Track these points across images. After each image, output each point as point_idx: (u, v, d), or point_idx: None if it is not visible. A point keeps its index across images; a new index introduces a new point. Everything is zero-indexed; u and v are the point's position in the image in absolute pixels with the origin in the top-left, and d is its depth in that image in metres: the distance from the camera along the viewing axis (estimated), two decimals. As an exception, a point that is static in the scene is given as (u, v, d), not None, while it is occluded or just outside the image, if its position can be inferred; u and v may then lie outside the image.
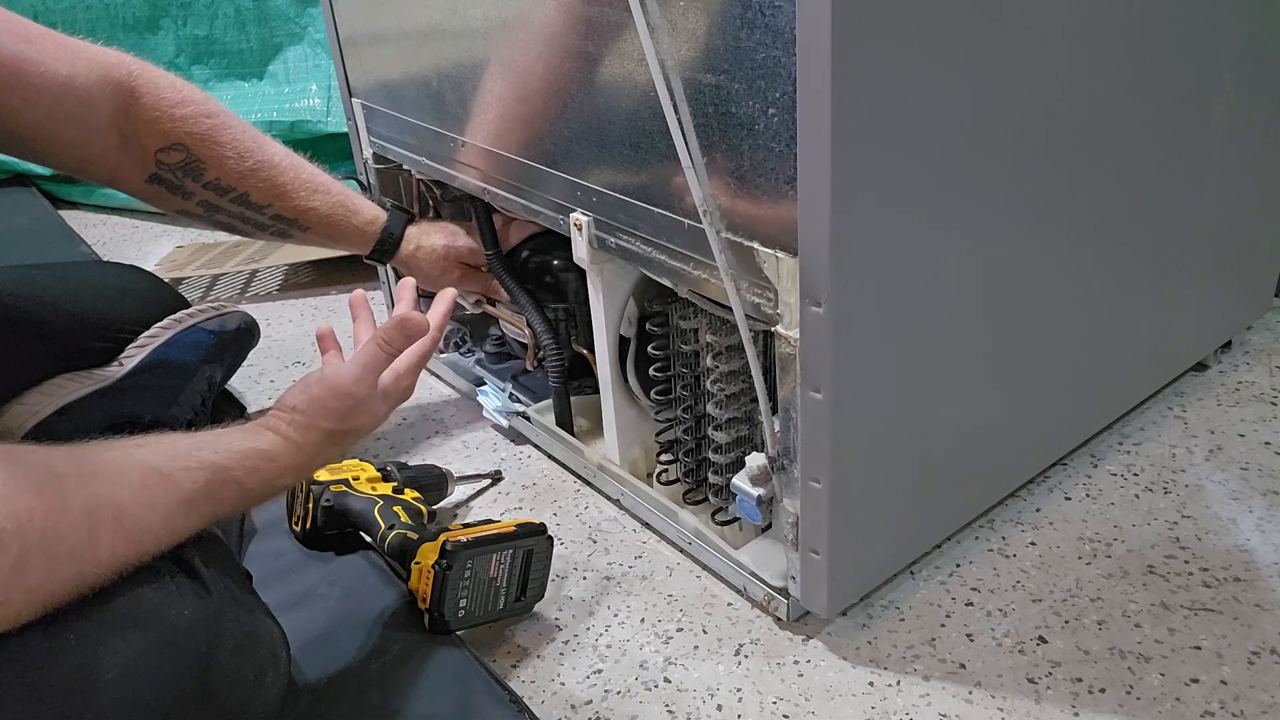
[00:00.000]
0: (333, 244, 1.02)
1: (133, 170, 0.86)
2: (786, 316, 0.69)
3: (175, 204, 0.91)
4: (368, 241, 1.02)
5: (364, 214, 1.00)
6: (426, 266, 1.05)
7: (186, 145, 0.87)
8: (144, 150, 0.85)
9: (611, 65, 0.76)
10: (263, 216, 0.94)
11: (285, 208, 0.94)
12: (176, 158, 0.87)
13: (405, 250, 1.04)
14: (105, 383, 0.97)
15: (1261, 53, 0.95)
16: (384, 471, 0.95)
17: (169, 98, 0.86)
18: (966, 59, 0.68)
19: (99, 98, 0.81)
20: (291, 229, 0.97)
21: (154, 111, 0.85)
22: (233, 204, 0.92)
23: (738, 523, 0.89)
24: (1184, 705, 0.73)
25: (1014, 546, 0.90)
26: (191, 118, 0.86)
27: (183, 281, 1.54)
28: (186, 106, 0.86)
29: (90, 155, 0.83)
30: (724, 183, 0.70)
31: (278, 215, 0.95)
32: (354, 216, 0.99)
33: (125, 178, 0.87)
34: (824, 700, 0.75)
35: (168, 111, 0.85)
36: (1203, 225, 1.00)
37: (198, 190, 0.89)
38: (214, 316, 1.09)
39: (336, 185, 0.98)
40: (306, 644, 0.80)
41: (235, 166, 0.89)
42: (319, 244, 1.03)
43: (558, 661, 0.80)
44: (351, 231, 1.00)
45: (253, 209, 0.93)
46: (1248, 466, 0.98)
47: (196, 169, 0.88)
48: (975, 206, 0.74)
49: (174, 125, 0.86)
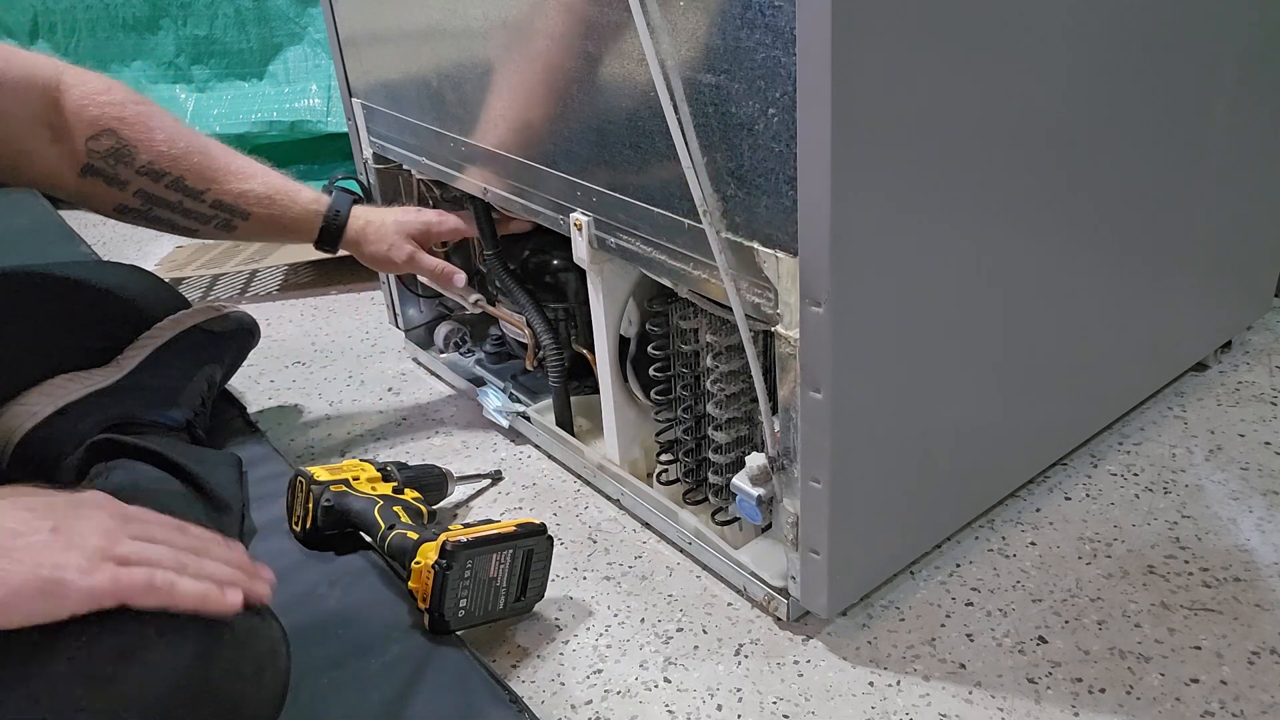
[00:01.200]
0: (279, 235, 0.99)
1: (66, 164, 0.85)
2: (786, 316, 0.69)
3: (113, 197, 0.89)
4: (313, 224, 0.98)
5: (306, 194, 0.98)
6: (376, 240, 1.01)
7: (115, 130, 0.86)
8: (75, 142, 0.84)
9: (611, 65, 0.76)
10: (202, 205, 0.92)
11: (223, 192, 0.92)
12: (107, 144, 0.86)
13: (354, 227, 1.00)
14: (105, 383, 0.97)
15: (1261, 53, 0.95)
16: (384, 471, 0.95)
17: (96, 86, 0.85)
18: (967, 59, 0.68)
19: (27, 94, 0.81)
20: (234, 218, 0.94)
21: (81, 101, 0.84)
22: (169, 190, 0.90)
23: (738, 523, 0.89)
24: (1184, 705, 0.73)
25: (1014, 546, 0.90)
26: (119, 103, 0.86)
27: (183, 281, 1.54)
28: (114, 93, 0.86)
29: (22, 152, 0.83)
30: (724, 183, 0.70)
31: (218, 201, 0.92)
32: (297, 196, 0.97)
33: (59, 173, 0.86)
34: (824, 700, 0.75)
35: (94, 99, 0.85)
36: (1203, 225, 1.00)
37: (132, 178, 0.88)
38: (214, 317, 1.09)
39: (275, 173, 0.96)
40: (307, 644, 0.80)
41: (167, 149, 0.88)
42: (265, 236, 0.99)
43: (558, 661, 0.80)
44: (295, 213, 0.97)
45: (190, 196, 0.91)
46: (1248, 466, 0.98)
47: (128, 154, 0.87)
48: (975, 206, 0.74)
49: (102, 111, 0.85)
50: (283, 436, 1.14)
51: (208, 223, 0.94)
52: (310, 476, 0.91)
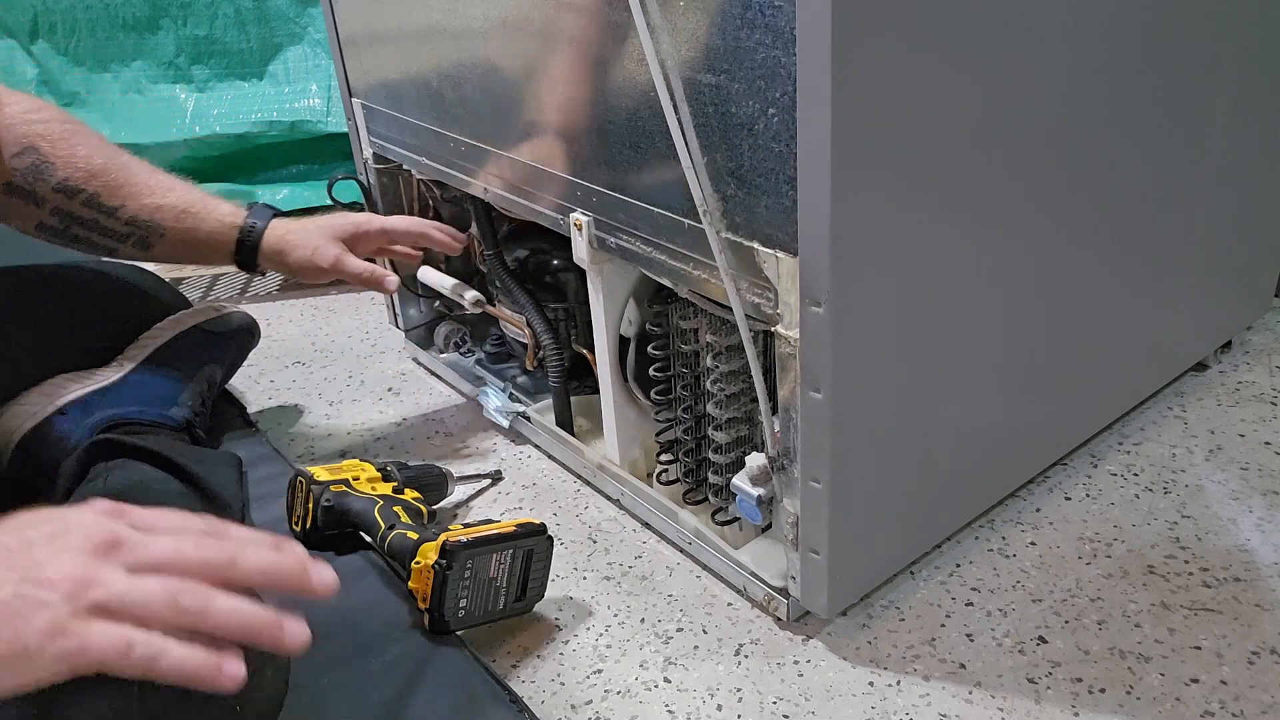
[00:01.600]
0: (196, 253, 0.96)
1: None
2: (786, 316, 0.69)
3: (32, 215, 0.88)
4: (229, 237, 0.94)
5: (224, 208, 0.95)
6: (299, 245, 0.96)
7: (37, 147, 0.86)
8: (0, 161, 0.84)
9: (611, 65, 0.76)
10: (117, 222, 0.90)
11: (138, 208, 0.90)
12: (28, 160, 0.86)
13: (273, 238, 0.95)
14: (105, 383, 0.97)
15: (1261, 53, 0.95)
16: (384, 471, 0.95)
17: (25, 105, 0.86)
18: (967, 59, 0.68)
19: None
20: (150, 235, 0.92)
21: (9, 120, 0.85)
22: (84, 207, 0.89)
23: (738, 523, 0.89)
24: (1184, 705, 0.73)
25: (1014, 546, 0.90)
26: (45, 120, 0.87)
27: (183, 281, 1.54)
28: (43, 112, 0.87)
29: None
30: (724, 183, 0.70)
31: (133, 218, 0.91)
32: (213, 210, 0.94)
33: None
34: (824, 700, 0.75)
35: (23, 117, 0.86)
36: (1203, 225, 1.00)
37: (49, 194, 0.87)
38: (214, 317, 1.09)
39: (197, 190, 0.94)
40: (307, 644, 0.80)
41: (84, 165, 0.87)
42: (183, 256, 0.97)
43: (558, 661, 0.80)
44: (210, 226, 0.93)
45: (105, 214, 0.90)
46: (1248, 466, 0.98)
47: (47, 170, 0.86)
48: (975, 206, 0.74)
49: (29, 128, 0.86)
50: (283, 436, 1.14)
51: (125, 240, 0.92)
52: (310, 476, 0.91)
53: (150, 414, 0.98)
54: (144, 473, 0.90)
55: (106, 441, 0.92)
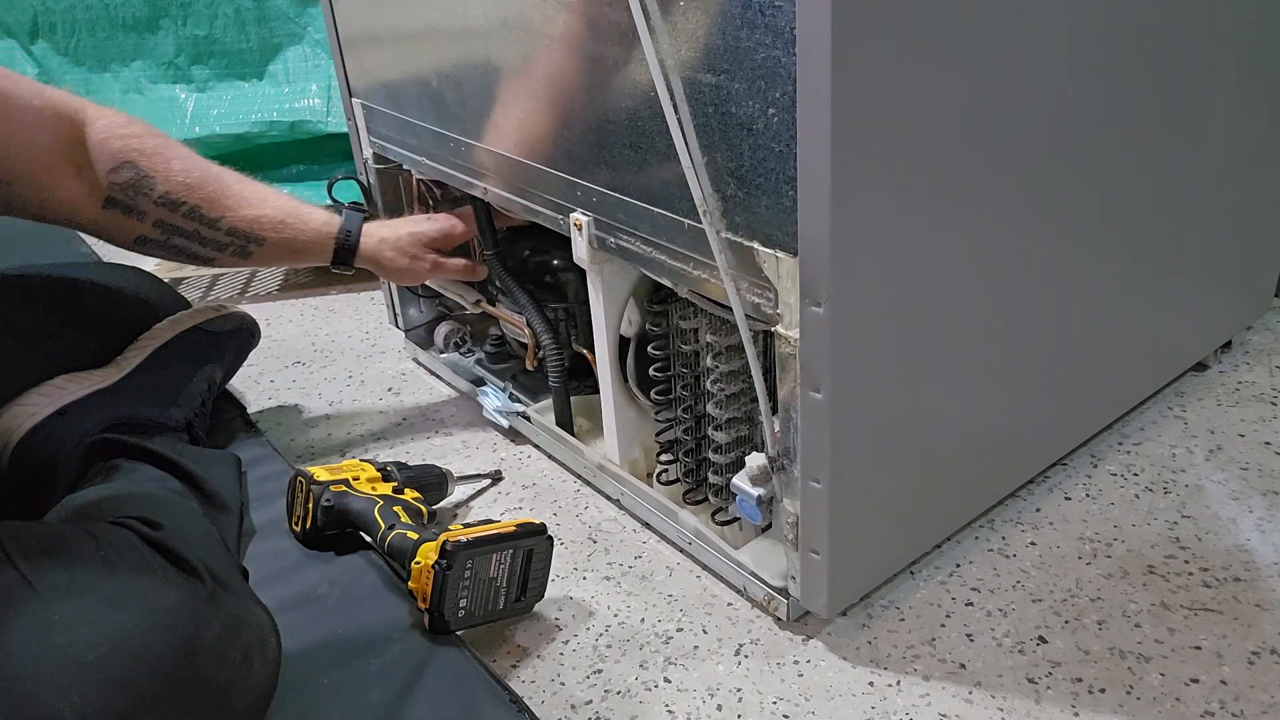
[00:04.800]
0: (294, 258, 1.00)
1: (87, 197, 0.87)
2: (786, 316, 0.69)
3: (132, 228, 0.90)
4: (326, 244, 1.00)
5: (318, 216, 0.99)
6: (394, 255, 1.03)
7: (135, 162, 0.88)
8: (96, 175, 0.86)
9: (611, 65, 0.76)
10: (218, 233, 0.93)
11: (238, 219, 0.93)
12: (127, 175, 0.87)
13: (368, 246, 1.01)
14: (105, 383, 0.97)
15: (1261, 53, 0.95)
16: (384, 471, 0.95)
17: (116, 121, 0.87)
18: (967, 58, 0.68)
19: (54, 130, 0.83)
20: (249, 244, 0.95)
21: (103, 135, 0.86)
22: (186, 219, 0.91)
23: (738, 523, 0.89)
24: (1184, 705, 0.73)
25: (1014, 546, 0.90)
26: (138, 135, 0.88)
27: (183, 281, 1.54)
28: (134, 127, 0.88)
29: (45, 186, 0.85)
30: (724, 183, 0.70)
31: (233, 229, 0.94)
32: (308, 218, 0.98)
33: (81, 208, 0.87)
34: (824, 700, 0.75)
35: (116, 132, 0.87)
36: (1203, 225, 1.00)
37: (150, 208, 0.89)
38: (214, 317, 1.09)
39: (285, 196, 0.97)
40: (307, 644, 0.80)
41: (183, 179, 0.90)
42: (281, 260, 1.01)
43: (558, 661, 0.80)
44: (308, 235, 0.98)
45: (207, 224, 0.92)
46: (1248, 466, 0.98)
47: (147, 184, 0.88)
48: (975, 206, 0.74)
49: (123, 144, 0.87)
50: (283, 436, 1.14)
51: (224, 250, 0.95)
52: (310, 476, 0.91)
53: (150, 414, 0.98)
54: (144, 473, 0.90)
55: (106, 441, 0.92)
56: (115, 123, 0.87)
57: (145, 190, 0.88)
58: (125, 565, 0.67)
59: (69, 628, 0.60)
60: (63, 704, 0.57)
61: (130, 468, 0.90)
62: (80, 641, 0.59)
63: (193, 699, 0.62)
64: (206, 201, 0.91)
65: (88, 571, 0.65)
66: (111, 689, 0.59)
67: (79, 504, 0.82)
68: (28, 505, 0.89)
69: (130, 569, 0.66)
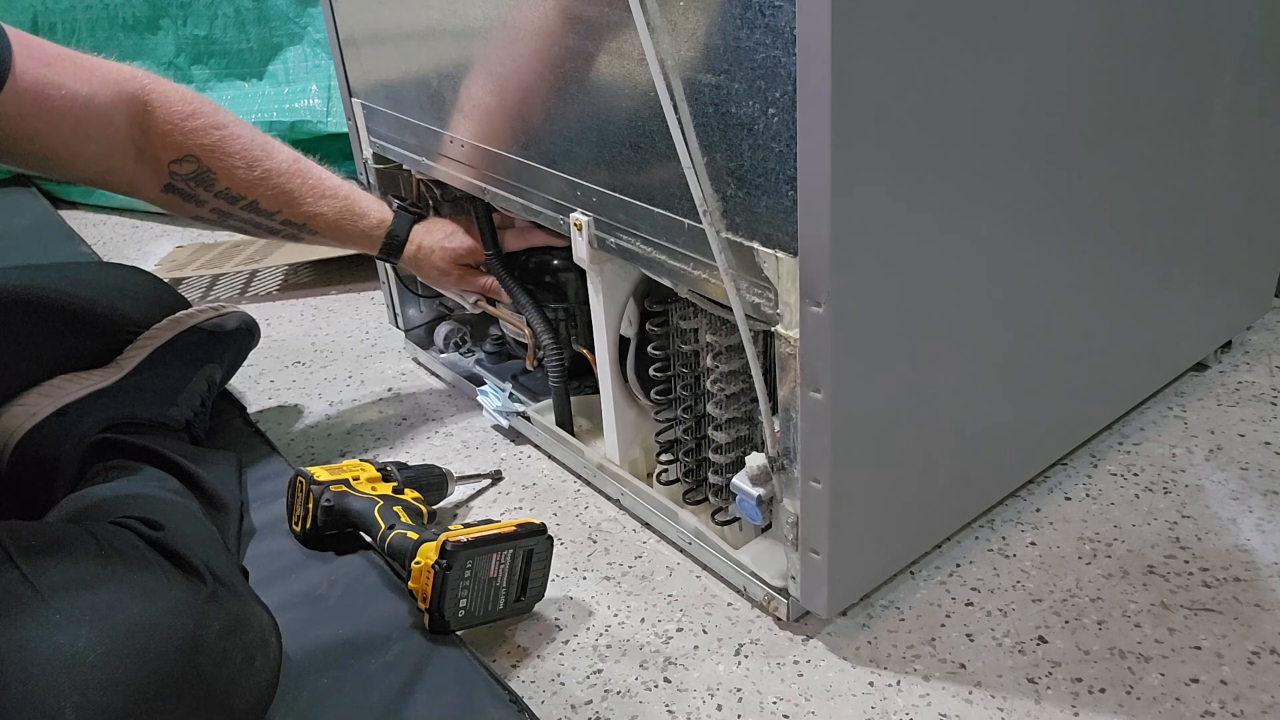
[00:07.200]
0: (343, 246, 1.05)
1: (149, 181, 0.89)
2: (786, 316, 0.69)
3: (190, 210, 0.94)
4: (375, 244, 1.04)
5: (370, 218, 1.02)
6: (427, 266, 1.07)
7: (198, 157, 0.89)
8: (158, 162, 0.88)
9: (611, 65, 0.76)
10: (273, 222, 0.97)
11: (294, 214, 0.97)
12: (188, 169, 0.90)
13: (409, 251, 1.06)
14: (104, 383, 0.97)
15: (1261, 52, 0.95)
16: (384, 471, 0.95)
17: (180, 110, 0.88)
18: (967, 58, 0.68)
19: (116, 115, 0.84)
20: (301, 233, 1.00)
21: (166, 125, 0.87)
22: (243, 211, 0.95)
23: (738, 523, 0.89)
24: (1184, 705, 0.73)
25: (1014, 546, 0.90)
26: (202, 129, 0.89)
27: (183, 281, 1.54)
28: (197, 119, 0.89)
29: (109, 169, 0.87)
30: (724, 183, 0.70)
31: (287, 220, 0.97)
32: (360, 220, 1.02)
33: (142, 188, 0.90)
34: (824, 700, 0.75)
35: (179, 125, 0.88)
36: (1203, 225, 1.00)
37: (210, 199, 0.92)
38: (214, 317, 1.09)
39: (344, 188, 1.00)
40: (307, 644, 0.80)
41: (244, 176, 0.92)
42: (330, 245, 1.06)
43: (558, 661, 0.80)
44: (359, 235, 1.02)
45: (262, 215, 0.96)
46: (1248, 466, 0.98)
47: (208, 179, 0.91)
48: (975, 206, 0.74)
49: (185, 138, 0.88)
50: (283, 436, 1.14)
51: (276, 233, 1.00)
52: (310, 476, 0.91)
53: (150, 414, 0.98)
54: (144, 473, 0.90)
55: (106, 441, 0.92)
56: (178, 112, 0.88)
57: (206, 184, 0.91)
58: (126, 565, 0.67)
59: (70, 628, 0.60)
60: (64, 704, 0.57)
61: (130, 468, 0.90)
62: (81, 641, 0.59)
63: (194, 698, 0.62)
64: (265, 198, 0.94)
65: (89, 571, 0.65)
66: (113, 689, 0.59)
67: (79, 504, 0.82)
68: (28, 505, 0.89)
69: (131, 569, 0.66)
